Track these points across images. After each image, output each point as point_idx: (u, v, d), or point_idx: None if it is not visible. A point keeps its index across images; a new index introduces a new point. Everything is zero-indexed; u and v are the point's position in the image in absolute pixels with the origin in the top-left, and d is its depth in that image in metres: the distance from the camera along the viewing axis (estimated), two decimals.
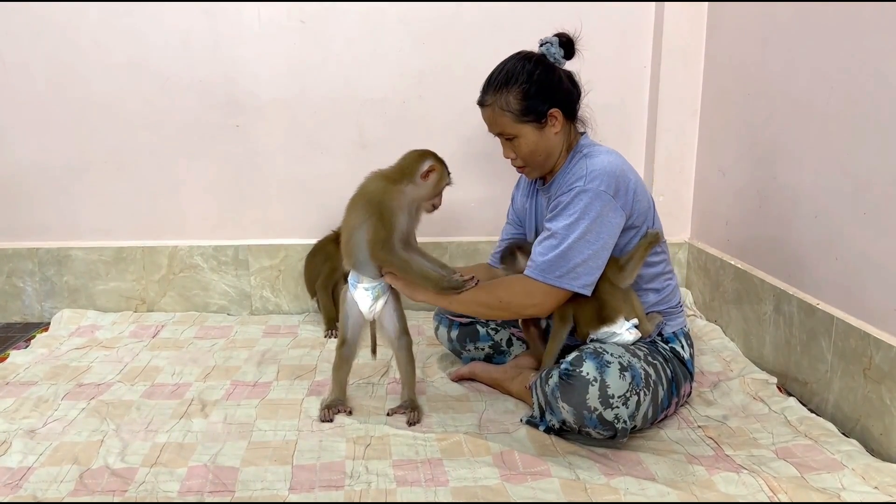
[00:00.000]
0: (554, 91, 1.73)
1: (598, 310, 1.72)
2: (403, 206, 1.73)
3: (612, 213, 1.66)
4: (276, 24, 2.58)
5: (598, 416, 1.55)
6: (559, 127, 1.75)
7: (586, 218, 1.64)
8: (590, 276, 1.66)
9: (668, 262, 1.87)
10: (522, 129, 1.73)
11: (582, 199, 1.64)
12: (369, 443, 1.68)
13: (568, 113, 1.78)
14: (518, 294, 1.70)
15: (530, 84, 1.70)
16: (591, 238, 1.64)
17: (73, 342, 2.39)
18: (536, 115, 1.72)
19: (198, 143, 2.64)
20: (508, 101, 1.72)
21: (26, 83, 2.56)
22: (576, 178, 1.68)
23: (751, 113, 2.29)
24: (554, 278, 1.64)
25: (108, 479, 1.52)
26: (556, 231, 1.66)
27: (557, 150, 1.79)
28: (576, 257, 1.63)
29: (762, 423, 1.78)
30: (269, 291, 2.75)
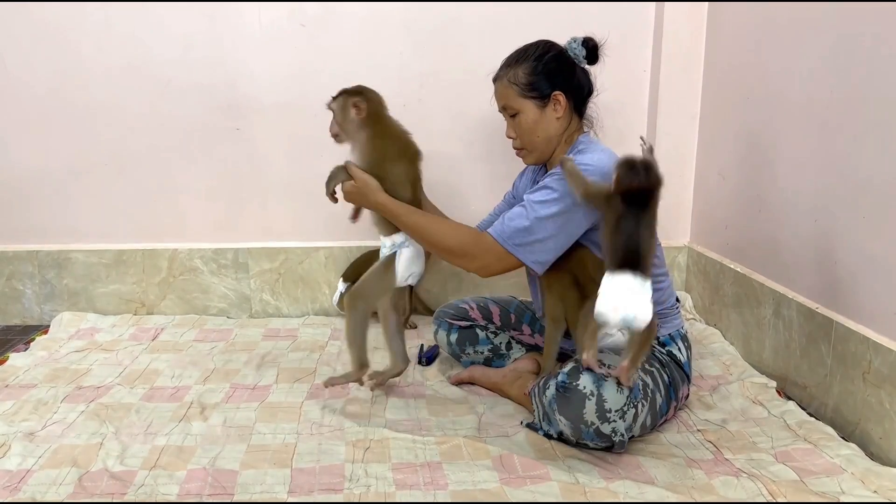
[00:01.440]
0: (563, 76, 1.77)
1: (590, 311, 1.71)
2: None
3: (583, 217, 1.66)
4: (277, 28, 2.58)
5: (594, 430, 1.56)
6: (561, 112, 1.78)
7: (562, 201, 1.65)
8: (545, 255, 1.67)
9: (662, 263, 1.87)
10: (525, 104, 1.77)
11: (564, 183, 1.65)
12: (368, 446, 1.68)
13: (574, 104, 1.81)
14: (468, 242, 1.72)
15: (540, 63, 1.76)
16: (559, 221, 1.65)
17: (73, 345, 2.39)
18: (540, 93, 1.76)
19: (198, 146, 2.65)
20: (517, 75, 1.77)
21: (27, 86, 2.57)
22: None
23: (750, 116, 2.29)
24: (512, 245, 1.66)
25: (107, 481, 1.52)
26: (530, 203, 1.68)
27: (556, 135, 1.81)
28: (539, 233, 1.65)
29: (761, 427, 1.77)
30: (269, 294, 2.75)
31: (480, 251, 1.70)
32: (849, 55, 1.80)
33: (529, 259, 1.66)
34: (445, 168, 2.72)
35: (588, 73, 1.84)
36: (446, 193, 2.73)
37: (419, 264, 1.82)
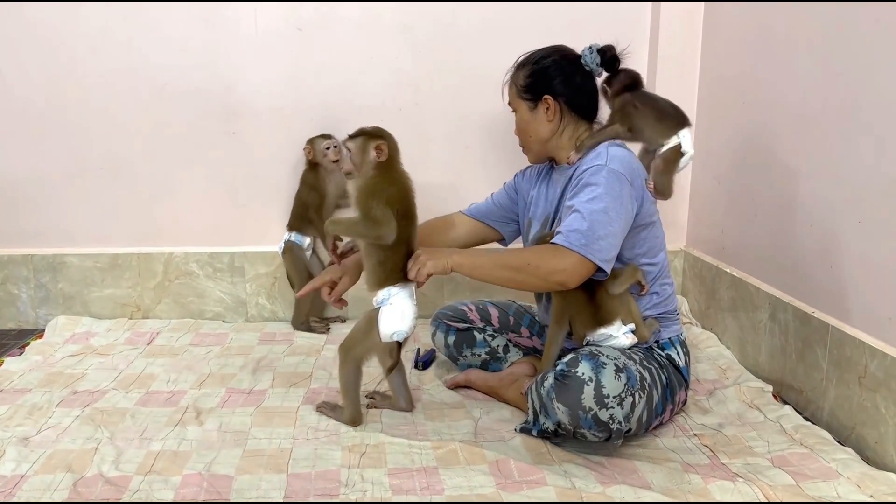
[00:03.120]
0: (557, 81, 1.81)
1: (595, 311, 1.72)
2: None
3: (628, 197, 1.68)
4: (273, 32, 2.58)
5: (592, 416, 1.55)
6: (552, 116, 1.82)
7: (608, 195, 1.65)
8: (610, 251, 1.65)
9: (667, 267, 1.87)
10: (520, 105, 1.87)
11: (603, 176, 1.66)
12: (364, 451, 1.67)
13: (574, 107, 1.83)
14: (548, 258, 1.66)
15: (539, 67, 1.83)
16: (612, 215, 1.64)
17: (68, 349, 2.38)
18: (532, 95, 1.83)
19: (194, 150, 2.64)
20: (518, 77, 1.86)
21: (22, 89, 2.56)
22: (597, 157, 1.72)
23: (746, 121, 2.30)
24: (581, 246, 1.62)
25: (101, 487, 1.51)
26: (578, 206, 1.66)
27: (548, 137, 1.85)
28: (599, 230, 1.63)
29: (758, 432, 1.77)
30: (265, 298, 2.74)
31: (561, 259, 1.64)
32: (845, 58, 1.81)
33: (599, 258, 1.63)
34: (442, 172, 2.72)
35: (593, 79, 1.86)
36: (443, 197, 2.72)
37: (405, 322, 1.74)
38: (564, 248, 1.64)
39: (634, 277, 1.75)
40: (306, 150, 2.55)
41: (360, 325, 1.80)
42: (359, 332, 1.79)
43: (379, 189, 1.71)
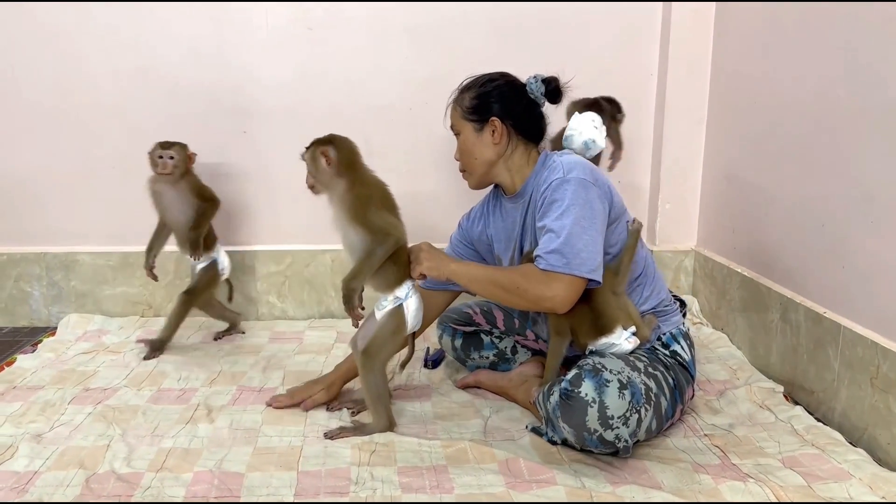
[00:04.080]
0: (506, 105, 1.79)
1: (595, 321, 1.71)
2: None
3: (597, 199, 1.67)
4: (284, 32, 2.59)
5: (598, 437, 1.55)
6: (499, 138, 1.79)
7: (576, 205, 1.64)
8: (594, 260, 1.64)
9: (648, 256, 1.87)
10: (464, 126, 1.82)
11: (567, 189, 1.65)
12: (374, 449, 1.68)
13: (521, 131, 1.80)
14: (535, 283, 1.65)
15: (485, 89, 1.80)
16: (585, 224, 1.63)
17: (80, 347, 2.39)
18: (478, 116, 1.79)
19: (205, 148, 2.63)
20: (463, 99, 1.82)
21: (35, 89, 2.58)
22: (553, 172, 1.70)
23: (758, 120, 2.29)
24: (563, 265, 1.61)
25: (113, 483, 1.52)
26: (550, 225, 1.65)
27: (493, 159, 1.82)
28: (577, 243, 1.62)
29: (769, 432, 1.77)
30: (276, 297, 2.75)
31: (548, 285, 1.63)
32: (857, 58, 1.80)
33: (584, 270, 1.61)
34: (451, 172, 2.71)
35: (538, 104, 1.83)
36: (452, 198, 2.74)
37: (420, 313, 1.78)
38: (550, 273, 1.63)
39: (630, 265, 1.75)
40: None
41: (385, 326, 1.75)
42: (386, 334, 1.75)
43: (362, 196, 1.69)
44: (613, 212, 1.72)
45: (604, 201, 1.68)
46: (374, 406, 1.76)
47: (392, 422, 1.78)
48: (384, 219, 1.69)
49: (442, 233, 2.62)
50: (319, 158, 1.70)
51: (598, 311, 1.70)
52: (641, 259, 1.82)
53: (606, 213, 1.69)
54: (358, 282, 1.69)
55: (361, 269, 1.69)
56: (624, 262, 1.74)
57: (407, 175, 2.66)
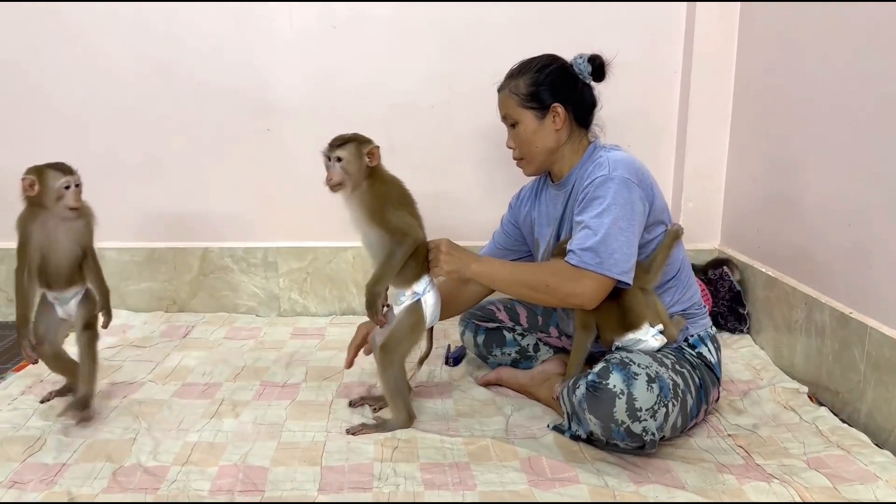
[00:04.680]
0: (564, 89, 1.78)
1: (622, 316, 1.71)
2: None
3: (639, 201, 1.67)
4: (307, 30, 2.61)
5: (625, 429, 1.55)
6: (560, 124, 1.78)
7: (616, 205, 1.64)
8: (627, 262, 1.64)
9: (685, 260, 1.86)
10: (524, 114, 1.79)
11: (609, 187, 1.65)
12: (397, 445, 1.68)
13: (577, 116, 1.81)
14: (565, 280, 1.65)
15: (541, 74, 1.78)
16: (623, 224, 1.63)
17: (105, 341, 2.40)
18: (540, 104, 1.78)
19: (229, 146, 2.68)
20: (518, 85, 1.79)
21: (61, 87, 2.61)
22: (598, 168, 1.70)
23: (782, 119, 2.27)
24: (596, 265, 1.61)
25: (140, 476, 1.54)
26: (588, 222, 1.65)
27: (554, 147, 1.81)
28: (612, 243, 1.62)
29: (793, 433, 1.75)
30: (297, 293, 2.77)
31: (578, 282, 1.64)
32: (882, 57, 1.78)
33: (616, 272, 1.61)
34: (473, 169, 2.73)
35: (591, 87, 1.84)
36: (474, 194, 2.74)
37: (437, 308, 1.78)
38: (581, 270, 1.63)
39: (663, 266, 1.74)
40: (27, 183, 1.74)
41: (404, 322, 1.75)
42: (404, 330, 1.75)
43: (383, 195, 1.70)
44: (653, 214, 1.72)
45: (644, 203, 1.68)
46: (393, 401, 1.76)
47: (412, 416, 1.79)
48: (402, 218, 1.69)
49: (463, 231, 2.64)
50: (363, 157, 1.68)
51: (625, 306, 1.70)
52: (677, 262, 1.81)
53: (646, 214, 1.69)
54: (381, 286, 1.70)
55: (384, 272, 1.69)
56: (657, 261, 1.73)
57: (428, 173, 2.66)
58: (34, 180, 1.73)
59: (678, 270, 1.81)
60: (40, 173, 1.73)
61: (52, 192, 1.74)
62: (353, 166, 1.68)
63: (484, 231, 2.69)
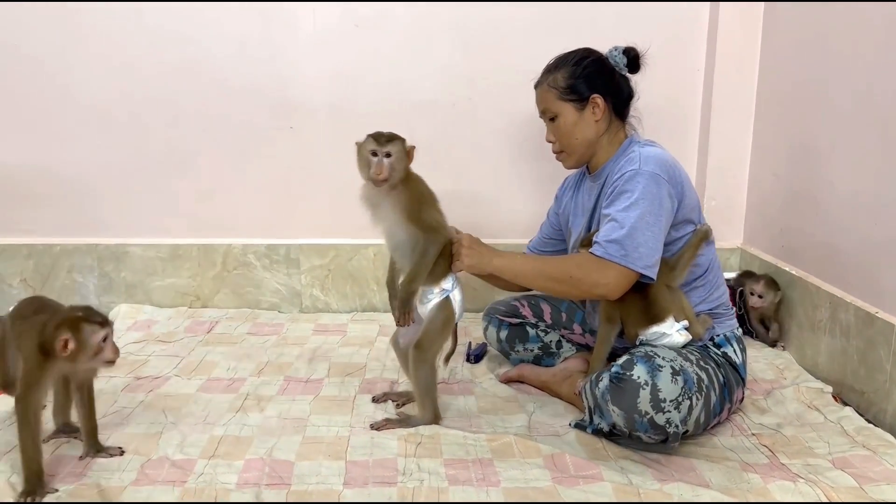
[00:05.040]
0: (601, 80, 1.81)
1: (647, 309, 1.71)
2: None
3: (667, 197, 1.67)
4: (330, 29, 2.62)
5: (649, 419, 1.54)
6: (600, 115, 1.80)
7: (644, 199, 1.65)
8: (652, 257, 1.65)
9: (715, 260, 1.86)
10: (563, 107, 1.81)
11: (639, 182, 1.66)
12: (420, 441, 1.69)
13: (615, 107, 1.83)
14: (589, 271, 1.67)
15: (579, 67, 1.81)
16: (650, 219, 1.64)
17: (131, 336, 2.45)
18: (579, 95, 1.80)
19: (252, 144, 2.70)
20: (556, 79, 1.82)
21: (88, 85, 2.64)
22: (629, 163, 1.71)
23: (807, 117, 2.25)
24: (621, 257, 1.63)
25: (168, 469, 1.56)
26: (615, 215, 1.66)
27: (594, 138, 1.83)
28: (638, 237, 1.63)
29: (818, 433, 1.75)
30: (319, 290, 2.79)
31: (602, 273, 1.65)
32: None
33: (640, 265, 1.63)
34: (494, 167, 2.73)
35: (628, 78, 1.86)
36: (496, 192, 2.75)
37: (464, 302, 1.80)
38: (605, 261, 1.64)
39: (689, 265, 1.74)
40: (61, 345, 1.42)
41: (436, 319, 1.75)
42: (437, 327, 1.75)
43: (418, 193, 1.72)
44: (682, 211, 1.73)
45: (674, 199, 1.69)
46: (423, 400, 1.77)
47: (438, 416, 1.79)
48: (434, 216, 1.72)
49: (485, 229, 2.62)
50: (406, 155, 1.70)
51: (650, 298, 1.70)
52: (707, 261, 1.81)
53: (674, 211, 1.70)
54: (417, 284, 1.71)
55: (419, 270, 1.70)
56: (683, 259, 1.73)
57: (450, 171, 2.67)
58: (68, 339, 1.43)
59: (706, 270, 1.81)
60: (75, 328, 1.44)
61: (91, 350, 1.46)
62: (400, 163, 1.69)
63: (505, 228, 2.72)
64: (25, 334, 1.51)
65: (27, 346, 1.49)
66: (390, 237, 1.73)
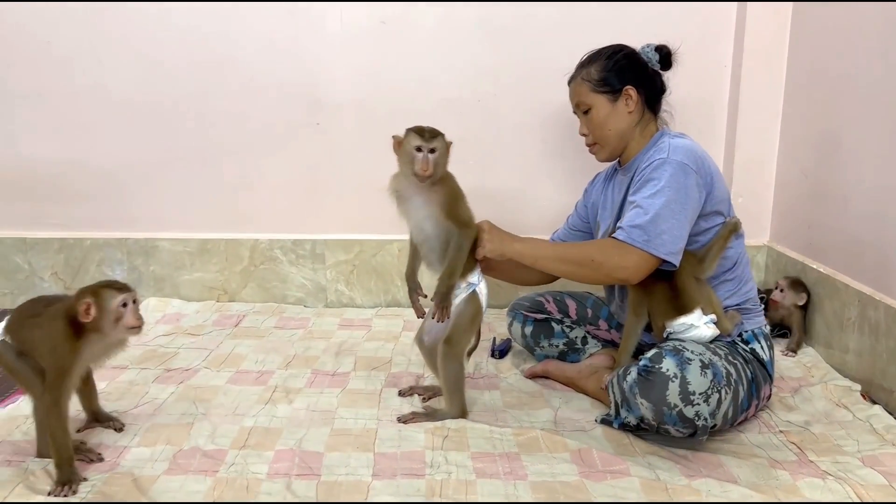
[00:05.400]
0: (634, 73, 1.83)
1: (674, 300, 1.71)
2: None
3: (694, 187, 1.68)
4: (357, 25, 2.64)
5: (677, 412, 1.54)
6: (633, 107, 1.82)
7: (670, 187, 1.65)
8: (676, 244, 1.65)
9: (744, 254, 1.85)
10: (597, 99, 1.84)
11: (665, 170, 1.67)
12: (447, 434, 1.70)
13: (647, 100, 1.85)
14: (611, 255, 1.68)
15: (612, 60, 1.84)
16: (675, 207, 1.65)
17: (160, 329, 2.49)
18: (612, 87, 1.82)
19: (279, 140, 2.72)
20: (590, 72, 1.85)
21: (118, 81, 2.68)
22: (658, 151, 1.73)
23: (836, 114, 2.23)
24: (643, 242, 1.64)
25: (199, 459, 1.58)
26: (640, 202, 1.68)
27: (628, 130, 1.85)
28: (662, 224, 1.64)
29: (847, 431, 1.74)
30: (344, 285, 2.81)
31: (624, 257, 1.66)
32: None
33: (663, 251, 1.64)
34: (519, 162, 2.74)
35: (660, 74, 1.87)
36: (521, 187, 2.75)
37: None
38: (628, 245, 1.65)
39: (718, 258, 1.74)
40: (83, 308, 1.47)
41: (465, 313, 1.76)
42: (466, 321, 1.76)
43: (454, 189, 1.74)
44: (711, 202, 1.73)
45: (701, 190, 1.69)
46: (451, 394, 1.78)
47: (465, 410, 1.80)
48: (467, 212, 1.74)
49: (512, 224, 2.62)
50: (447, 151, 1.72)
51: (678, 290, 1.70)
52: (736, 255, 1.81)
53: (702, 201, 1.70)
54: (456, 279, 1.73)
55: (456, 265, 1.71)
56: (712, 252, 1.73)
57: (475, 167, 2.68)
58: (90, 304, 1.48)
59: (735, 264, 1.81)
60: (95, 294, 1.50)
61: (111, 314, 1.50)
62: (443, 159, 1.71)
63: (532, 223, 2.71)
64: (43, 327, 1.52)
65: (51, 335, 1.50)
66: (419, 230, 1.74)
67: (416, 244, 1.78)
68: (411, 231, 1.78)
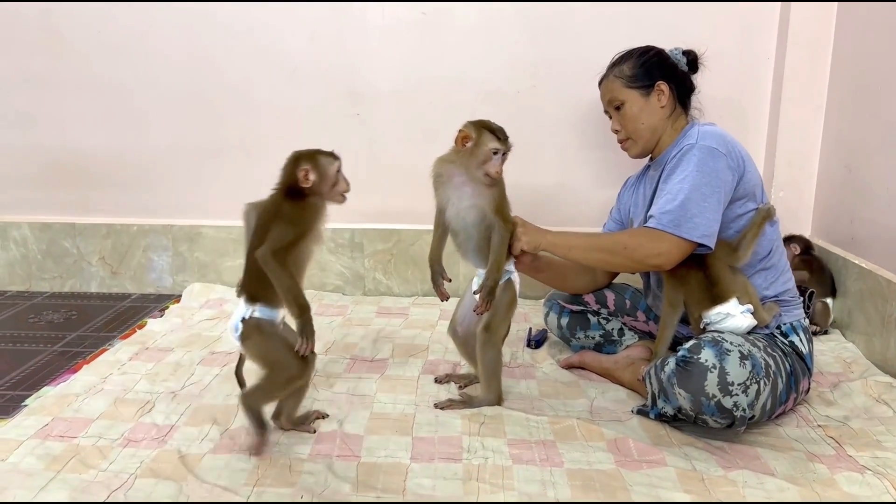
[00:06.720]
0: (665, 69, 1.88)
1: (710, 289, 1.71)
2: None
3: (725, 169, 1.69)
4: (399, 17, 2.66)
5: (716, 403, 1.55)
6: (665, 101, 1.86)
7: (699, 171, 1.67)
8: (708, 227, 1.66)
9: (780, 245, 1.85)
10: (629, 94, 1.88)
11: (694, 154, 1.69)
12: (483, 421, 1.73)
13: (678, 95, 1.88)
14: (643, 241, 1.71)
15: (643, 58, 1.89)
16: (705, 191, 1.66)
17: (204, 313, 2.55)
18: (644, 83, 1.86)
19: (320, 130, 2.76)
20: (622, 69, 1.89)
21: (165, 71, 2.75)
22: (687, 139, 1.76)
23: (882, 109, 2.20)
24: (674, 227, 1.66)
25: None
26: (669, 188, 1.70)
27: (660, 125, 1.88)
28: (692, 208, 1.65)
29: (886, 426, 1.72)
30: (382, 274, 2.85)
31: (657, 243, 1.68)
32: None
33: (696, 235, 1.65)
34: (558, 155, 2.74)
35: (688, 74, 1.92)
36: (561, 180, 2.76)
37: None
38: (659, 231, 1.67)
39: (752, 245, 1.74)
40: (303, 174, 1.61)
41: (502, 301, 1.78)
42: (503, 309, 1.79)
43: (502, 187, 1.77)
44: (743, 187, 1.73)
45: (733, 173, 1.70)
46: (488, 381, 1.81)
47: (501, 398, 1.83)
48: (508, 207, 1.77)
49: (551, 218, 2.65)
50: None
51: (712, 278, 1.71)
52: (769, 242, 1.80)
53: (733, 185, 1.71)
54: (502, 272, 1.76)
55: (501, 259, 1.75)
56: (746, 239, 1.73)
57: (513, 159, 2.65)
58: (307, 169, 1.57)
59: (770, 252, 1.80)
60: (313, 161, 1.59)
61: (330, 179, 1.61)
62: (504, 158, 1.76)
63: (571, 216, 2.73)
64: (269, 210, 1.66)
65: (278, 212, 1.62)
66: (460, 219, 1.76)
67: (453, 231, 1.81)
68: (449, 217, 1.79)
